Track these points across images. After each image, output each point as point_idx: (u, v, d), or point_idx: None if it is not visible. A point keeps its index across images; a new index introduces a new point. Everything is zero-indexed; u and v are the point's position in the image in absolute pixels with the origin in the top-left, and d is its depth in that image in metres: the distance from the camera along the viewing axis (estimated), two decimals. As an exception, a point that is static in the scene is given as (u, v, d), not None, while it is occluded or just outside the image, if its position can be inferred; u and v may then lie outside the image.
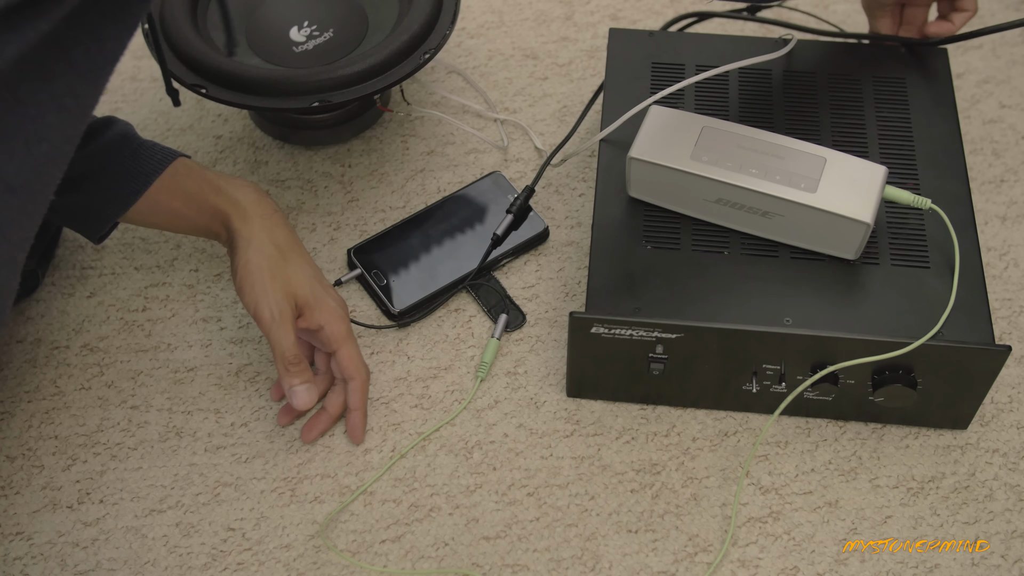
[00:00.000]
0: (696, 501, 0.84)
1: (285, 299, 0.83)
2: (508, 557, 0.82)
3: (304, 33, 1.01)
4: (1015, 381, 0.90)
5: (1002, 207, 1.00)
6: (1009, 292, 0.95)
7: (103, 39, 0.58)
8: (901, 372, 0.81)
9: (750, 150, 0.85)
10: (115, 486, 0.85)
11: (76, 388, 0.91)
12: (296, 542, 0.82)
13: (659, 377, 0.85)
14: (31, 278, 0.94)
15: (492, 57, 1.13)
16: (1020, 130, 1.06)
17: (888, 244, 0.86)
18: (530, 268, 0.97)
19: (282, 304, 0.83)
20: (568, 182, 1.02)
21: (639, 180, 0.88)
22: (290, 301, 0.83)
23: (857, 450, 0.86)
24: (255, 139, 1.06)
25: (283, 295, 0.83)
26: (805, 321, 0.81)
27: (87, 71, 0.59)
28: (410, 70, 0.95)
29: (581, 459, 0.86)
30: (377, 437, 0.88)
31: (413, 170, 1.04)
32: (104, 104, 1.09)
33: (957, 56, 1.11)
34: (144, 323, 0.94)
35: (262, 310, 0.82)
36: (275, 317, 0.82)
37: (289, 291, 0.83)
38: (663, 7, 1.16)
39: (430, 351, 0.92)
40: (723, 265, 0.85)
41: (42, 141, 0.58)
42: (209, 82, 0.94)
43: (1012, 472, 0.85)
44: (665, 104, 0.92)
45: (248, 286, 0.83)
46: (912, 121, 0.93)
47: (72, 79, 0.58)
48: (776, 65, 0.97)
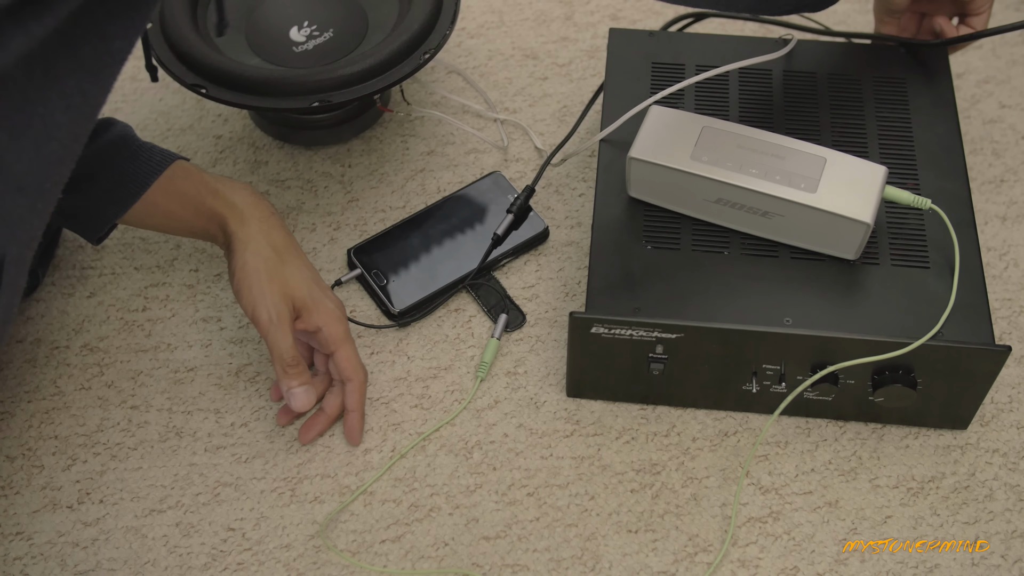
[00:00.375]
0: (696, 501, 0.84)
1: (283, 301, 0.83)
2: (508, 557, 0.82)
3: (304, 33, 1.01)
4: (1015, 381, 0.90)
5: (1002, 207, 1.00)
6: (1009, 292, 0.95)
7: (110, 37, 0.58)
8: (901, 372, 0.81)
9: (750, 150, 0.85)
10: (115, 486, 0.85)
11: (76, 388, 0.91)
12: (296, 542, 0.82)
13: (659, 377, 0.85)
14: (31, 277, 0.94)
15: (492, 57, 1.13)
16: (1020, 130, 1.06)
17: (888, 244, 0.86)
18: (530, 268, 0.97)
19: (279, 306, 0.83)
20: (568, 182, 1.02)
21: (639, 180, 0.88)
22: (287, 303, 0.83)
23: (857, 450, 0.86)
24: (255, 139, 1.06)
25: (280, 297, 0.83)
26: (805, 321, 0.81)
27: (95, 69, 0.59)
28: (410, 70, 0.95)
29: (581, 459, 0.86)
30: (377, 437, 0.88)
31: (413, 170, 1.04)
32: (104, 104, 1.09)
33: (957, 56, 1.11)
34: (144, 323, 0.94)
35: (260, 312, 0.82)
36: (273, 319, 0.82)
37: (286, 293, 0.83)
38: (663, 7, 1.16)
39: (430, 351, 0.92)
40: (723, 265, 0.85)
41: (51, 140, 0.58)
42: (209, 82, 0.94)
43: (1012, 472, 0.85)
44: (665, 104, 0.92)
45: (246, 288, 0.83)
46: (912, 121, 0.93)
47: (80, 77, 0.58)
48: (776, 65, 0.97)
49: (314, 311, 0.85)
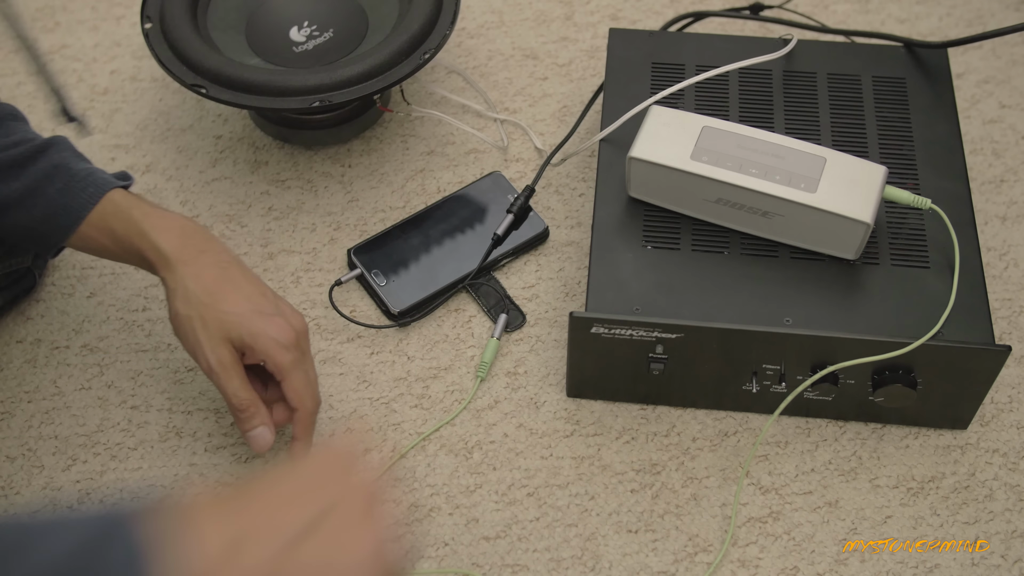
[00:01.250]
0: (696, 501, 0.84)
1: (221, 344, 0.79)
2: (508, 557, 0.82)
3: (304, 33, 1.01)
4: (1015, 381, 0.90)
5: (1002, 207, 1.00)
6: (1009, 292, 0.95)
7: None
8: (901, 372, 0.81)
9: (750, 150, 0.85)
10: (115, 486, 0.85)
11: (76, 388, 0.91)
12: (296, 542, 0.82)
13: (659, 377, 0.85)
14: (27, 277, 0.94)
15: (492, 57, 1.13)
16: (1020, 130, 1.06)
17: (888, 244, 0.86)
18: (530, 268, 0.97)
19: (218, 351, 0.79)
20: (568, 182, 1.02)
21: (639, 180, 0.88)
22: (227, 345, 0.79)
23: (857, 450, 0.86)
24: (255, 139, 1.06)
25: (218, 341, 0.79)
26: (805, 321, 0.81)
27: None
28: (410, 70, 0.95)
29: (581, 459, 0.86)
30: (377, 437, 0.88)
31: (413, 170, 1.04)
32: (104, 104, 1.09)
33: (957, 56, 1.11)
34: (144, 323, 0.94)
35: (200, 361, 0.79)
36: (214, 367, 0.78)
37: (224, 335, 0.79)
38: (663, 7, 1.16)
39: (430, 351, 0.92)
40: (723, 265, 0.85)
41: None
42: (209, 82, 0.94)
43: (1012, 472, 0.85)
44: (665, 104, 0.92)
45: (183, 337, 0.80)
46: (912, 121, 0.94)
47: None
48: (776, 65, 0.97)
49: (255, 346, 0.79)
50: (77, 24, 1.16)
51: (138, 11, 1.16)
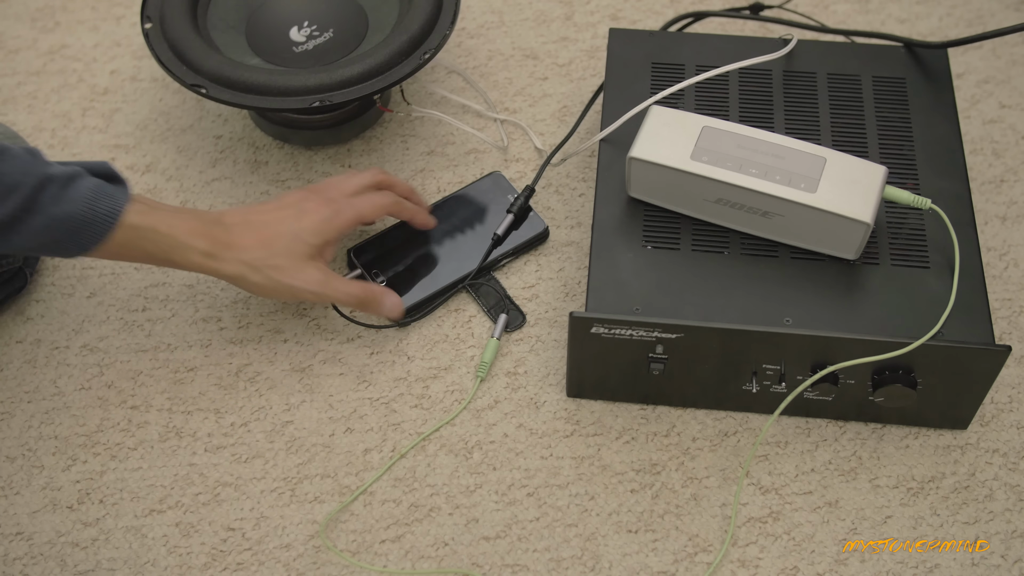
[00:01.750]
0: (696, 501, 0.84)
1: (304, 268, 0.85)
2: (508, 557, 0.82)
3: (304, 33, 1.01)
4: (1015, 381, 0.90)
5: (1002, 207, 1.00)
6: (1009, 292, 0.95)
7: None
8: (901, 372, 0.81)
9: (750, 150, 0.85)
10: (115, 486, 0.85)
11: (76, 388, 0.91)
12: (296, 542, 0.82)
13: (659, 377, 0.85)
14: (18, 277, 0.94)
15: (492, 57, 1.13)
16: (1020, 130, 1.06)
17: (888, 244, 0.86)
18: (530, 268, 0.97)
19: (307, 275, 0.85)
20: (568, 182, 1.02)
21: (639, 180, 0.88)
22: (309, 264, 0.85)
23: (857, 450, 0.86)
24: (255, 139, 1.06)
25: (299, 268, 0.85)
26: (805, 321, 0.81)
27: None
28: (410, 70, 0.95)
29: (581, 459, 0.86)
30: (377, 437, 0.88)
31: (413, 170, 1.04)
32: (104, 104, 1.09)
33: (957, 56, 1.11)
34: (144, 323, 0.94)
35: (307, 298, 0.86)
36: (316, 290, 0.85)
37: (299, 260, 0.85)
38: (663, 7, 1.16)
39: (430, 351, 0.92)
40: (723, 265, 0.85)
41: None
42: (209, 82, 0.94)
43: (1012, 472, 0.85)
44: (665, 104, 0.92)
45: (278, 297, 0.86)
46: (912, 121, 0.94)
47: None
48: (776, 65, 0.97)
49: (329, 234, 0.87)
50: (77, 24, 1.16)
51: (138, 11, 1.16)
